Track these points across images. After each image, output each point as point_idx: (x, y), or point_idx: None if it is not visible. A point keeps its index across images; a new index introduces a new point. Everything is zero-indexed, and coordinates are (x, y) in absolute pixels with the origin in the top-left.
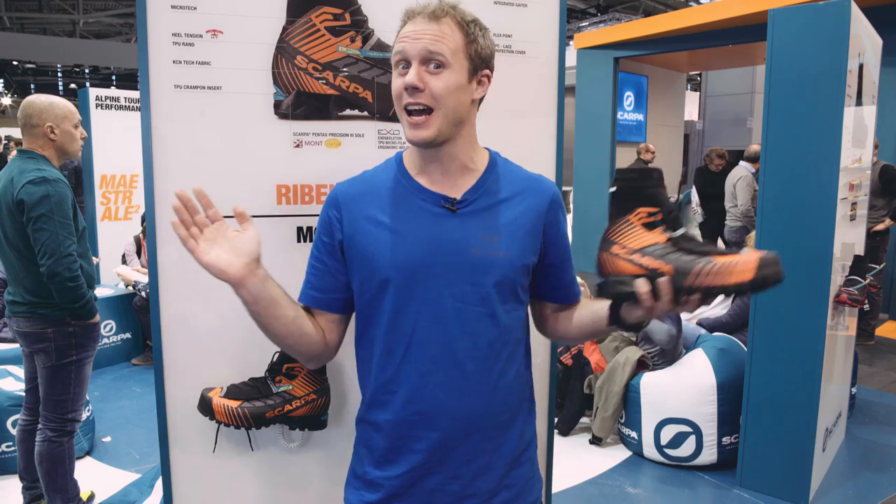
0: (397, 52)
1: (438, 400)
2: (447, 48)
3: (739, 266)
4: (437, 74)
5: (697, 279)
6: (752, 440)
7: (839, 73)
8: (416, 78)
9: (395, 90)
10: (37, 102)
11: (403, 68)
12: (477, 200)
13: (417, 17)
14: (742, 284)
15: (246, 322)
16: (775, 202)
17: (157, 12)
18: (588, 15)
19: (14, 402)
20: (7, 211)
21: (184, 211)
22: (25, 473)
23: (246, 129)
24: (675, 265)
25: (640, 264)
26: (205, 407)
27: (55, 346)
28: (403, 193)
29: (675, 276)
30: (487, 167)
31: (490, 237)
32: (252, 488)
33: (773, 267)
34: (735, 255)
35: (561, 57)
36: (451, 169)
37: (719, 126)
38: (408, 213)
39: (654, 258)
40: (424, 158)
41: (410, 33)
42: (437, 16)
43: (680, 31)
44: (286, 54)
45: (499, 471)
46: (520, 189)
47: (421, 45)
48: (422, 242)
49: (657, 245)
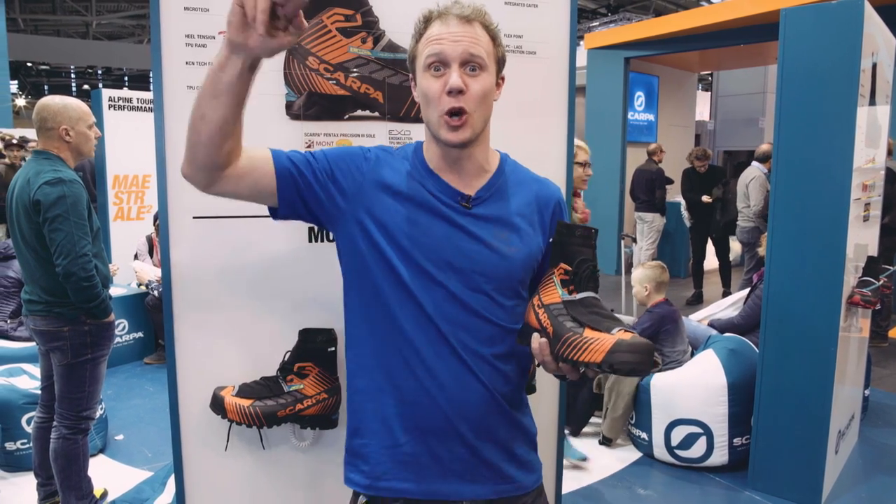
0: (433, 55)
1: (443, 388)
2: (484, 51)
3: (594, 345)
4: (476, 77)
5: (561, 348)
6: (764, 442)
7: (852, 73)
8: (459, 80)
9: (433, 92)
10: (51, 105)
11: (437, 70)
12: (489, 199)
13: (450, 18)
14: (591, 364)
15: (258, 321)
16: (787, 203)
17: (170, 14)
18: (598, 15)
19: (29, 399)
20: (24, 211)
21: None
22: (40, 470)
23: (258, 130)
24: (555, 329)
25: (539, 319)
26: (217, 405)
27: (71, 345)
28: (421, 184)
29: (552, 339)
30: (498, 168)
31: (501, 234)
32: (263, 486)
33: (629, 356)
34: (601, 333)
35: (571, 57)
36: (469, 169)
37: (730, 126)
38: (424, 204)
39: (549, 317)
40: (447, 158)
41: (447, 35)
42: (470, 18)
43: (691, 30)
44: (298, 55)
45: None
46: (527, 190)
47: (462, 47)
48: (436, 238)
49: (558, 304)
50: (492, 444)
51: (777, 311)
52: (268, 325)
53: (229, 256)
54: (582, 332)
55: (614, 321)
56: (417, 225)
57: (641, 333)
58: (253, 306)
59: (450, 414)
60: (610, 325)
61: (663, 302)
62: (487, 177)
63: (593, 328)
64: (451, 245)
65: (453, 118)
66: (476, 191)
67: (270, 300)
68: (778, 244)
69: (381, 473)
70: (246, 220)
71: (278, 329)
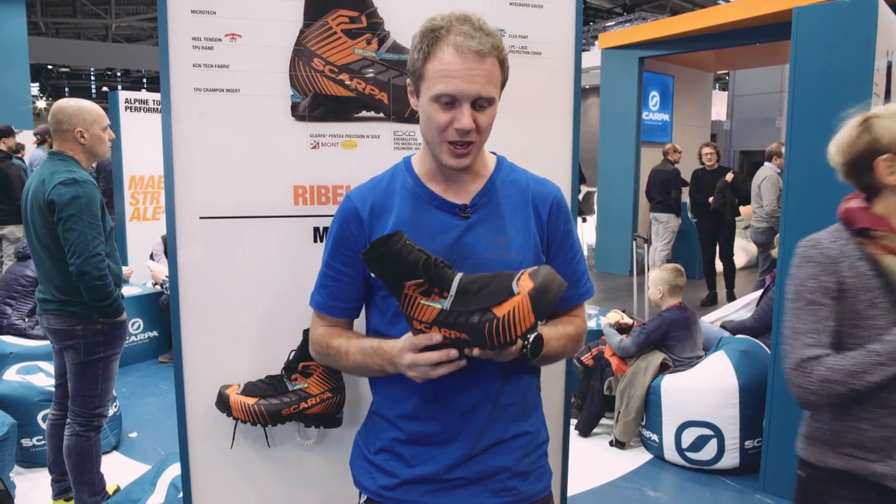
0: (445, 93)
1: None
2: (495, 88)
3: (517, 314)
4: (484, 112)
5: (493, 341)
6: (776, 444)
7: (866, 72)
8: (471, 122)
9: (439, 123)
10: (66, 107)
11: (447, 103)
12: (485, 205)
13: (466, 52)
14: (531, 327)
15: (263, 321)
16: (800, 203)
17: (177, 17)
18: (614, 14)
19: (45, 397)
20: (38, 211)
21: None
22: (54, 466)
23: (263, 131)
24: (467, 331)
25: (444, 335)
26: (222, 403)
27: (84, 343)
28: (419, 203)
29: (474, 341)
30: (494, 171)
31: (500, 240)
32: (269, 484)
33: (549, 294)
34: (509, 301)
35: (577, 58)
36: (464, 177)
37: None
38: (426, 222)
39: (452, 328)
40: (444, 171)
41: (462, 72)
42: (484, 54)
43: (706, 29)
44: (303, 57)
45: None
46: (524, 192)
47: (476, 88)
48: (443, 252)
49: (446, 312)
50: (494, 451)
51: None
52: (274, 324)
53: (235, 256)
54: (493, 315)
55: (501, 281)
56: (423, 245)
57: (648, 335)
58: (259, 305)
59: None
60: (503, 289)
61: (677, 306)
62: (483, 181)
63: (497, 304)
64: (456, 257)
65: (458, 148)
66: (472, 197)
67: (276, 299)
68: (790, 245)
69: None
70: (252, 220)
71: (284, 328)
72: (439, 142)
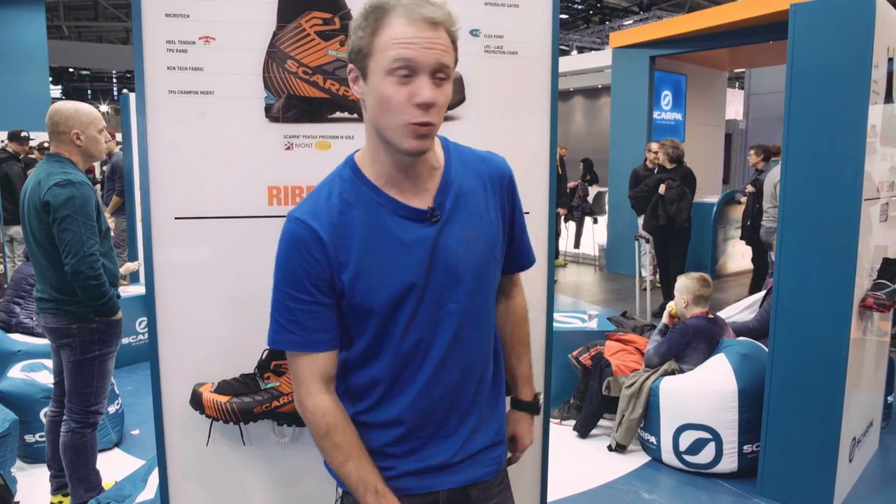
0: (401, 59)
1: None
2: (451, 59)
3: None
4: (441, 87)
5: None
6: (773, 448)
7: (863, 70)
8: (433, 93)
9: (397, 100)
10: (63, 110)
11: (405, 76)
12: (447, 201)
13: (419, 20)
14: None
15: (238, 320)
16: (797, 203)
17: (151, 20)
18: (630, 13)
19: (47, 394)
20: (35, 212)
21: None
22: (53, 462)
23: (238, 132)
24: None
25: None
26: (196, 401)
27: (79, 342)
28: (383, 214)
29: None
30: (445, 160)
31: (468, 234)
32: (246, 482)
33: None
34: None
35: (554, 57)
36: (421, 172)
37: (763, 125)
38: (396, 236)
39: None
40: (399, 167)
41: (418, 40)
42: (437, 22)
43: (717, 27)
44: (277, 59)
45: None
46: (478, 174)
47: (434, 56)
48: (422, 266)
49: None
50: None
51: (786, 314)
52: (248, 322)
53: (211, 256)
54: None
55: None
56: (396, 259)
57: (670, 346)
58: (234, 305)
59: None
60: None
61: (702, 315)
62: (439, 174)
63: None
64: (431, 265)
65: (419, 127)
66: (433, 195)
67: (251, 299)
68: (787, 246)
69: None
70: (227, 220)
71: (258, 327)
72: (398, 124)
